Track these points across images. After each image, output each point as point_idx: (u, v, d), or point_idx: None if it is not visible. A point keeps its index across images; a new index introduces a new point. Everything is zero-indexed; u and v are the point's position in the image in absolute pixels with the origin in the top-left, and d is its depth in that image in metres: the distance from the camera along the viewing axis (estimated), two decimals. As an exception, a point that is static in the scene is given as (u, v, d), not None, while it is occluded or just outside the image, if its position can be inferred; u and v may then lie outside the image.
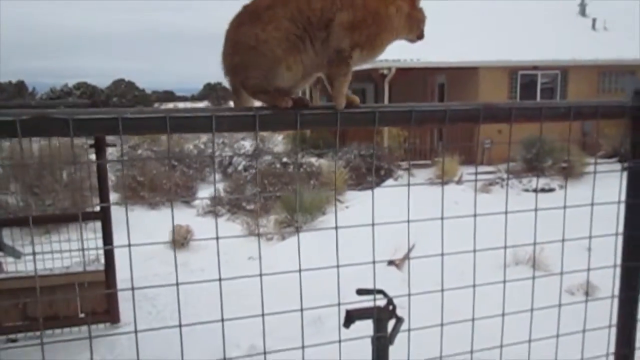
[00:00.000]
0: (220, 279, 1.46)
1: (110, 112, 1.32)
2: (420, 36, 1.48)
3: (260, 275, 1.48)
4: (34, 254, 3.44)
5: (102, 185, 3.47)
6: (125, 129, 1.30)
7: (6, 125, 1.24)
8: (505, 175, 11.47)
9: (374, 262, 1.61)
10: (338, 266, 1.53)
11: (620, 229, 1.74)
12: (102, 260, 4.51)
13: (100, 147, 3.50)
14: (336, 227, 1.51)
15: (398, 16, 1.41)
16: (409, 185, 1.61)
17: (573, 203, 1.76)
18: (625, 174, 1.75)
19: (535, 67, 15.64)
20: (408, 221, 1.58)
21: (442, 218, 1.59)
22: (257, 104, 1.48)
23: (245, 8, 1.35)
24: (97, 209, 5.73)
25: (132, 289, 1.45)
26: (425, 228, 1.67)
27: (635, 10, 17.48)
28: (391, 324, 2.04)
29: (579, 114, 1.67)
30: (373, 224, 1.53)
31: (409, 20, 1.43)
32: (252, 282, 1.96)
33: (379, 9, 1.38)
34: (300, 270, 1.48)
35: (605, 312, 1.71)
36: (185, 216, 9.20)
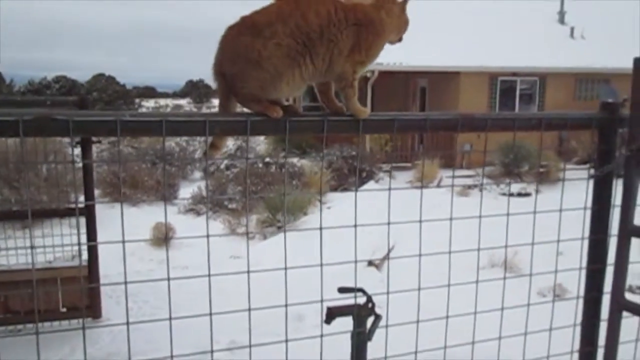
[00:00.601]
0: (209, 275, 1.53)
1: (109, 115, 1.39)
2: (400, 39, 1.58)
3: (248, 272, 1.56)
4: (32, 247, 3.46)
5: (88, 182, 3.50)
6: (123, 131, 1.37)
7: (9, 125, 1.30)
8: (484, 180, 11.67)
9: (355, 262, 1.70)
10: (322, 265, 1.62)
11: (587, 233, 1.86)
12: (84, 256, 4.53)
13: (86, 145, 3.53)
14: (320, 228, 1.60)
15: (389, 20, 1.49)
16: (389, 189, 1.70)
17: (548, 207, 1.87)
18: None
19: (514, 74, 15.92)
20: (388, 223, 1.67)
21: (420, 221, 1.69)
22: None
23: (244, 20, 1.39)
24: (80, 205, 5.74)
25: (125, 282, 1.52)
26: (404, 230, 1.76)
27: (611, 20, 17.91)
28: (370, 321, 2.13)
29: (549, 125, 1.78)
30: (355, 225, 1.62)
31: (398, 23, 1.52)
32: (234, 280, 2.03)
33: (372, 16, 1.46)
34: (285, 269, 1.56)
35: (574, 312, 1.82)
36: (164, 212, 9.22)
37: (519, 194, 10.67)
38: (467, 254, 1.84)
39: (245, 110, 1.49)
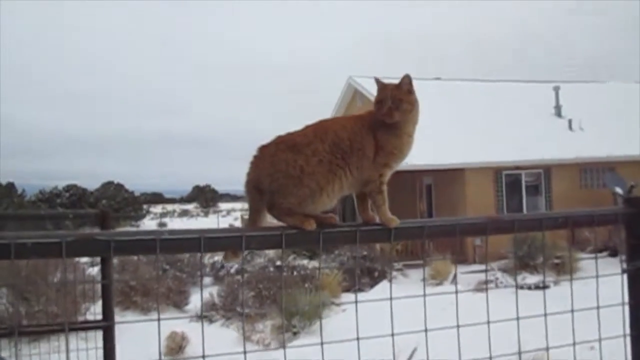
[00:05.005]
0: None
1: (149, 234, 1.42)
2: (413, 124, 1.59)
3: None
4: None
5: (107, 298, 3.45)
6: (162, 250, 1.39)
7: (53, 246, 1.33)
8: (498, 274, 11.48)
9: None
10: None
11: (627, 329, 1.80)
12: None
13: (107, 258, 3.50)
14: (357, 339, 1.58)
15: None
16: (425, 296, 1.68)
17: (569, 300, 1.83)
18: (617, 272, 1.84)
19: (518, 167, 16.18)
20: (427, 330, 1.63)
21: (457, 326, 1.65)
22: (271, 219, 1.58)
23: (282, 140, 1.47)
24: (89, 317, 5.63)
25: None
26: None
27: (604, 111, 18.50)
28: None
29: (576, 223, 1.80)
30: (393, 335, 1.59)
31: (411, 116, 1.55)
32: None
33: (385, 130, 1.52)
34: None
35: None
36: (178, 321, 9.00)
37: (537, 287, 10.43)
38: (493, 352, 1.77)
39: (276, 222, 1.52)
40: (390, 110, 1.49)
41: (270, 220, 1.56)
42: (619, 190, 14.32)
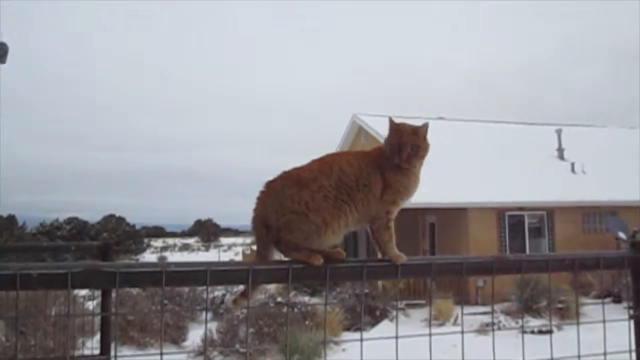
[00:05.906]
0: None
1: (155, 266, 1.42)
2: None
3: None
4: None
5: (105, 332, 3.38)
6: (168, 282, 1.39)
7: (58, 277, 1.33)
8: (501, 317, 11.31)
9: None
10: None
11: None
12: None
13: (107, 290, 3.44)
14: (362, 378, 1.55)
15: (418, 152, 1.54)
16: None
17: (574, 346, 1.80)
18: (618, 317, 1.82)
19: (521, 208, 16.14)
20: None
21: (463, 368, 1.62)
22: (277, 254, 1.58)
23: (288, 175, 1.48)
24: (85, 352, 5.54)
25: None
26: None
27: (607, 156, 18.57)
28: None
29: (583, 266, 1.79)
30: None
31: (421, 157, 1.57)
32: None
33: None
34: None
35: None
36: (176, 357, 8.84)
37: (540, 332, 10.25)
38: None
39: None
40: (409, 157, 1.51)
41: (278, 255, 1.56)
42: (622, 235, 14.25)
